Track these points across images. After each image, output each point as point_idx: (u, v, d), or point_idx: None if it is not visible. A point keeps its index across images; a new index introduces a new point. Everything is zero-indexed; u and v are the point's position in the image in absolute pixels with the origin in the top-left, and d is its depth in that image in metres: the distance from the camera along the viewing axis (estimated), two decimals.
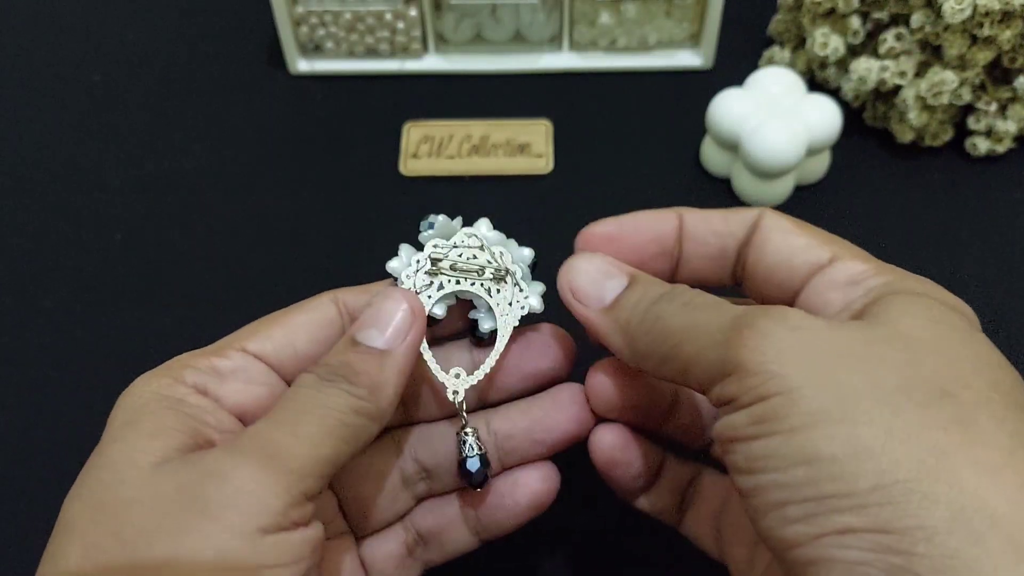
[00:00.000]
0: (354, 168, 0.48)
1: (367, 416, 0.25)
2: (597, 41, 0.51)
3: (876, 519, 0.19)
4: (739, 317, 0.23)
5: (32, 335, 0.42)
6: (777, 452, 0.21)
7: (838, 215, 0.45)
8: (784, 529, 0.20)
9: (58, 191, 0.47)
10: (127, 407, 0.25)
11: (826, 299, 0.25)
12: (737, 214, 0.28)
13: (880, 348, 0.21)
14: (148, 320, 0.42)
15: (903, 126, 0.46)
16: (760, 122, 0.43)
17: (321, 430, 0.24)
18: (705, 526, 0.30)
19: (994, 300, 0.42)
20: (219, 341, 0.28)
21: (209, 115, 0.50)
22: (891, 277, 0.25)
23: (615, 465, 0.29)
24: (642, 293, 0.26)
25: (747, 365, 0.22)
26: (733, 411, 0.22)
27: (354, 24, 0.50)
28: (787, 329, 0.22)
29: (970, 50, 0.43)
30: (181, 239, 0.45)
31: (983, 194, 0.46)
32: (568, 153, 0.48)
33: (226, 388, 0.26)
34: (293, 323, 0.28)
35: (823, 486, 0.20)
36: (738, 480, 0.22)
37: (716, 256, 0.28)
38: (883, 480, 0.19)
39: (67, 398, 0.40)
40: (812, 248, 0.26)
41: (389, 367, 0.26)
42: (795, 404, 0.21)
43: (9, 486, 0.38)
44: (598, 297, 0.27)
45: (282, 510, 0.23)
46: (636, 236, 0.28)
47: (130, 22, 0.55)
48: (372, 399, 0.25)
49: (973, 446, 0.20)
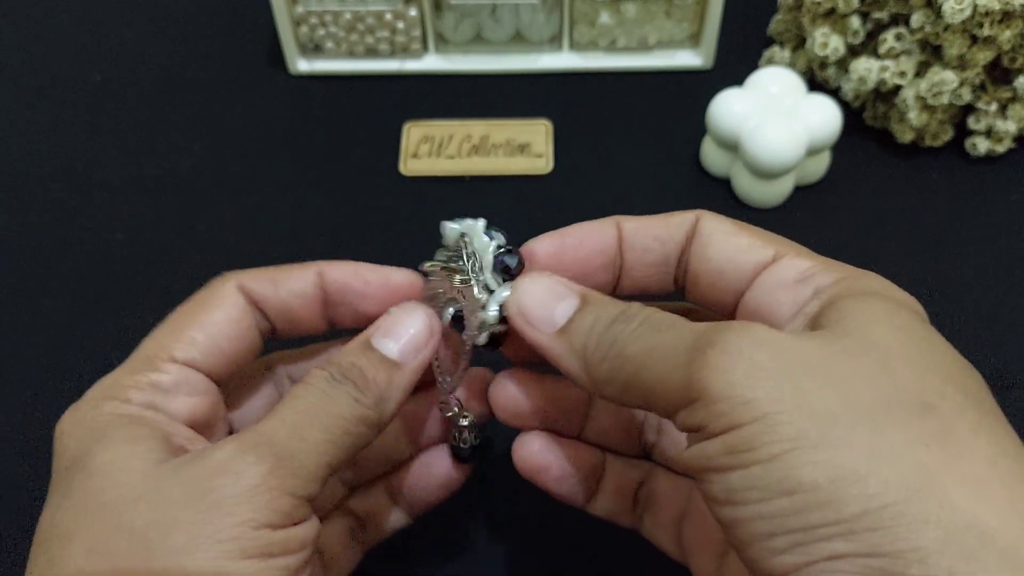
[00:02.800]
0: (354, 168, 0.48)
1: (369, 425, 0.25)
2: (597, 41, 0.51)
3: (867, 544, 0.19)
4: (700, 336, 0.22)
5: (32, 335, 0.42)
6: (758, 483, 0.20)
7: (838, 215, 0.45)
8: (771, 560, 0.20)
9: (58, 191, 0.47)
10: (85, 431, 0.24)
11: (775, 299, 0.24)
12: (674, 217, 0.27)
13: (850, 362, 0.21)
14: (148, 320, 0.42)
15: (903, 126, 0.46)
16: (760, 122, 0.43)
17: (327, 437, 0.24)
18: (665, 532, 0.30)
19: (994, 300, 0.42)
20: (141, 350, 0.27)
21: (209, 115, 0.50)
22: (841, 274, 0.24)
23: (537, 470, 0.29)
24: (596, 315, 0.25)
25: (713, 390, 0.21)
26: (704, 439, 0.21)
27: (354, 24, 0.50)
28: (752, 346, 0.21)
29: (970, 50, 0.43)
30: (181, 238, 0.45)
31: (983, 194, 0.46)
32: (568, 153, 0.48)
33: (173, 403, 0.26)
34: (211, 323, 0.27)
35: (809, 516, 0.19)
36: (717, 511, 0.21)
37: (659, 263, 0.27)
38: (871, 504, 0.19)
39: (67, 398, 0.40)
40: (755, 248, 0.25)
41: (397, 380, 0.26)
42: (771, 431, 0.20)
43: (9, 486, 0.38)
44: (549, 320, 0.25)
45: (289, 511, 0.23)
46: (579, 249, 0.27)
47: (130, 22, 0.55)
48: (376, 410, 0.25)
49: (957, 460, 0.19)
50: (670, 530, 0.29)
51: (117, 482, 0.23)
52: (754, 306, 0.25)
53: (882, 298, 0.23)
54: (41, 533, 0.23)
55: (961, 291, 0.43)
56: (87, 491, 0.23)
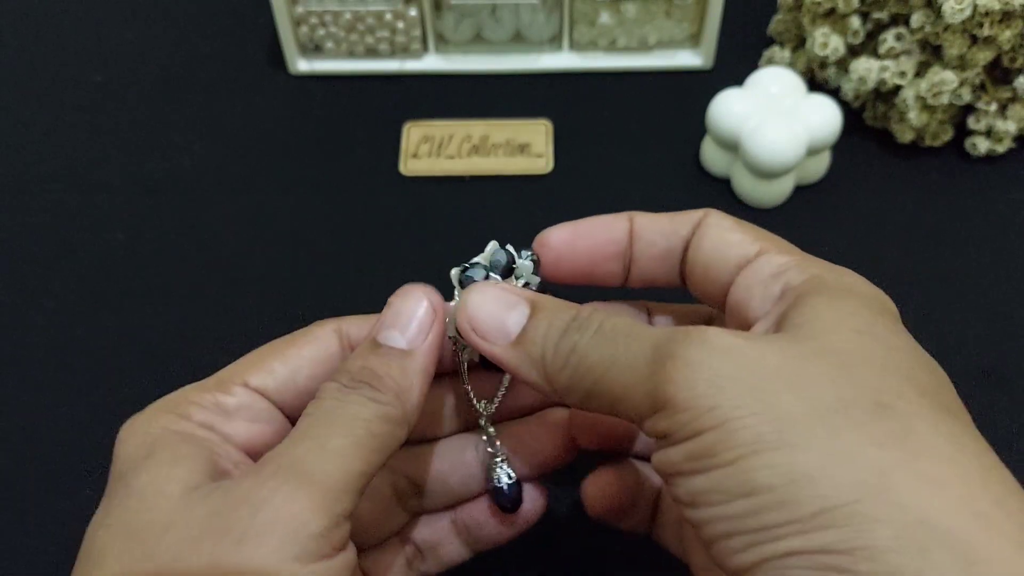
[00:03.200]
0: (354, 168, 0.48)
1: (394, 422, 0.24)
2: (597, 41, 0.51)
3: (820, 542, 0.19)
4: (659, 348, 0.22)
5: (33, 335, 0.42)
6: (718, 486, 0.20)
7: (838, 215, 0.45)
8: (732, 558, 0.20)
9: (59, 191, 0.47)
10: (138, 441, 0.24)
11: (751, 294, 0.25)
12: (683, 215, 0.28)
13: (810, 365, 0.21)
14: (149, 320, 0.42)
15: (903, 126, 0.46)
16: (760, 122, 0.43)
17: (350, 442, 0.23)
18: (669, 529, 0.30)
19: (994, 300, 0.42)
20: (220, 373, 0.27)
21: (209, 115, 0.50)
22: (814, 271, 0.24)
23: (613, 516, 0.29)
24: (548, 322, 0.25)
25: (677, 401, 0.21)
26: (668, 446, 0.22)
27: (354, 24, 0.50)
28: (712, 355, 0.21)
29: (970, 50, 0.43)
30: (182, 238, 0.45)
31: (983, 194, 0.46)
32: (568, 153, 0.48)
33: (232, 426, 0.25)
34: (295, 357, 0.27)
35: (765, 516, 0.20)
36: (684, 512, 0.22)
37: (664, 256, 0.28)
38: (825, 504, 0.19)
39: (69, 397, 0.40)
40: (744, 244, 0.26)
41: (413, 368, 0.25)
42: (731, 436, 0.20)
43: (10, 486, 0.38)
44: (502, 332, 0.25)
45: (321, 532, 0.22)
46: (592, 239, 0.28)
47: (130, 22, 0.55)
48: (398, 403, 0.24)
49: (914, 459, 0.20)
50: (674, 529, 0.30)
51: (151, 506, 0.22)
52: (734, 301, 0.26)
53: (847, 297, 0.23)
54: (84, 545, 0.23)
55: (961, 291, 0.43)
56: (124, 511, 0.23)
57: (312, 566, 0.21)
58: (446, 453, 0.30)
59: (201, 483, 0.23)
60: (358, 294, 0.43)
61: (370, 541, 0.30)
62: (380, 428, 0.24)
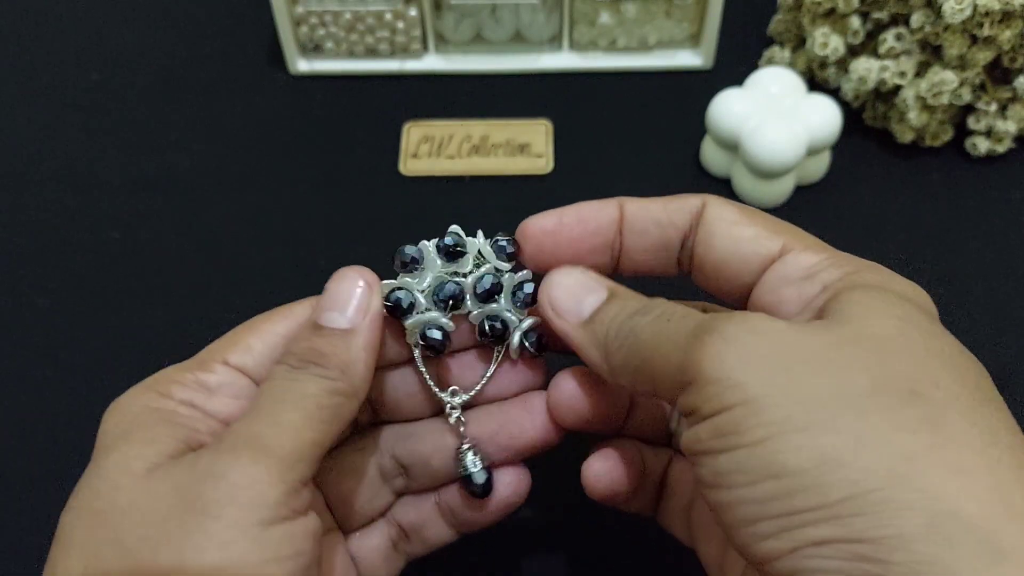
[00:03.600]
0: (354, 168, 0.48)
1: (343, 395, 0.25)
2: (597, 41, 0.51)
3: (851, 529, 0.19)
4: (701, 323, 0.22)
5: (28, 334, 0.42)
6: (743, 467, 0.20)
7: (838, 215, 0.45)
8: (758, 545, 0.20)
9: (57, 190, 0.47)
10: (116, 421, 0.25)
11: (781, 296, 0.25)
12: (677, 201, 0.27)
13: (846, 350, 0.21)
14: (146, 319, 0.42)
15: (903, 126, 0.46)
16: (760, 122, 0.43)
17: (301, 415, 0.24)
18: (678, 517, 0.30)
19: (994, 300, 0.42)
20: (202, 352, 0.27)
21: (209, 115, 0.50)
22: (847, 269, 0.24)
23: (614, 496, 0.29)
24: (619, 307, 0.25)
25: (705, 373, 0.21)
26: (696, 422, 0.21)
27: (354, 24, 0.50)
28: (748, 333, 0.21)
29: (970, 50, 0.43)
30: (179, 238, 0.45)
31: (983, 194, 0.46)
32: (568, 153, 0.48)
33: (214, 403, 0.26)
34: (270, 333, 0.28)
35: (794, 500, 0.19)
36: (707, 494, 0.21)
37: (658, 247, 0.27)
38: (855, 490, 0.19)
39: (64, 397, 0.40)
40: (761, 239, 0.25)
41: (356, 344, 0.26)
42: (757, 414, 0.20)
43: (6, 486, 0.38)
44: (577, 311, 0.26)
45: (280, 499, 0.23)
46: (576, 228, 0.28)
47: (130, 22, 0.55)
48: (345, 378, 0.25)
49: (944, 448, 0.19)
50: (682, 516, 0.30)
51: (116, 486, 0.23)
52: (762, 303, 0.25)
53: (884, 290, 0.23)
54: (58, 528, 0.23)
55: (961, 291, 0.43)
56: (88, 492, 0.23)
57: (272, 529, 0.22)
58: (427, 435, 0.30)
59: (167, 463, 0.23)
60: None
61: (357, 522, 0.30)
62: (328, 401, 0.25)
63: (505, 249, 0.28)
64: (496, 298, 0.28)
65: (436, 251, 0.29)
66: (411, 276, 0.29)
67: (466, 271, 0.29)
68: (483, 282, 0.28)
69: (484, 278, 0.28)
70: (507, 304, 0.29)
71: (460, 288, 0.28)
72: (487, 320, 0.28)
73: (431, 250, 0.29)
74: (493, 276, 0.28)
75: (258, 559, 0.22)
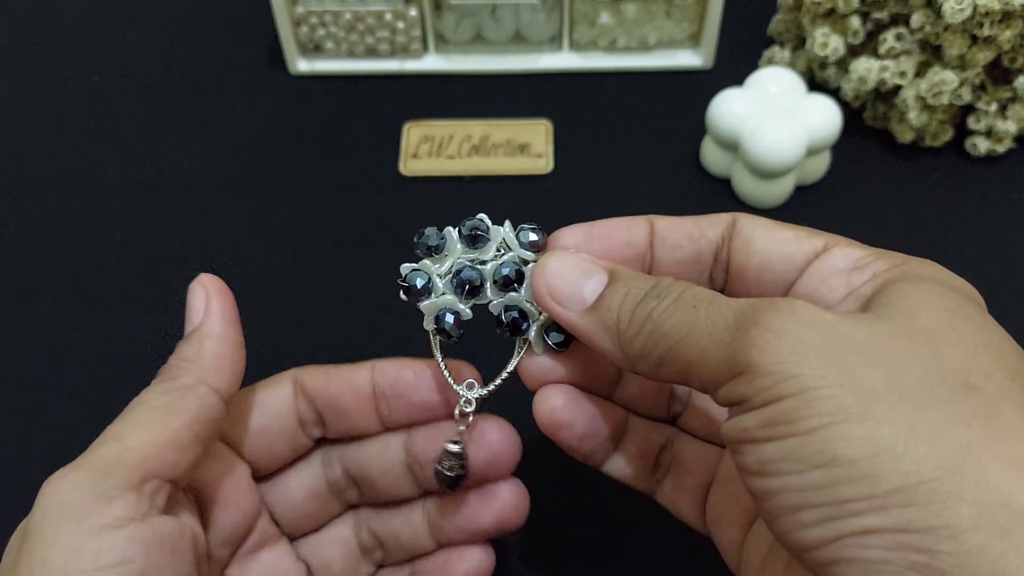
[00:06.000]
0: (354, 168, 0.48)
1: (184, 389, 0.26)
2: (597, 41, 0.51)
3: (899, 520, 0.19)
4: (744, 314, 0.22)
5: (30, 336, 0.42)
6: (792, 455, 0.20)
7: (838, 215, 0.45)
8: (800, 533, 0.20)
9: (57, 191, 0.47)
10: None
11: (829, 286, 0.24)
12: (709, 217, 0.27)
13: (898, 342, 0.21)
14: (147, 320, 0.42)
15: (903, 126, 0.46)
16: (760, 122, 0.43)
17: (131, 423, 0.25)
18: (687, 499, 0.29)
19: (994, 300, 0.42)
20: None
21: (209, 115, 0.50)
22: (894, 260, 0.24)
23: (559, 427, 0.28)
24: (626, 290, 0.25)
25: (759, 366, 0.21)
26: (743, 412, 0.21)
27: (354, 24, 0.50)
28: (798, 325, 0.21)
29: (970, 50, 0.43)
30: (180, 239, 0.45)
31: (983, 194, 0.46)
32: (568, 153, 0.48)
33: None
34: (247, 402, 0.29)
35: (842, 489, 0.19)
36: (749, 481, 0.21)
37: (691, 260, 0.27)
38: (907, 481, 0.19)
39: (64, 399, 0.40)
40: (802, 238, 0.25)
41: (199, 336, 0.27)
42: (811, 405, 0.20)
43: (6, 486, 0.38)
44: (578, 298, 0.25)
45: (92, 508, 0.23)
46: (607, 242, 0.27)
47: (130, 22, 0.55)
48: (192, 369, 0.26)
49: (998, 441, 0.19)
50: (693, 497, 0.29)
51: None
52: (803, 293, 0.25)
53: (934, 282, 0.23)
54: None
55: None
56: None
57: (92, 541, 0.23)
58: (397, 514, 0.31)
59: None
60: (358, 294, 0.43)
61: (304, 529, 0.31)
62: (160, 400, 0.25)
63: (530, 239, 0.28)
64: (516, 287, 0.27)
65: (459, 236, 0.28)
66: (433, 261, 0.28)
67: (487, 258, 0.28)
68: (502, 269, 0.27)
69: (504, 265, 0.27)
70: (527, 295, 0.27)
71: (479, 274, 0.28)
72: (505, 310, 0.28)
73: (454, 235, 0.28)
74: (514, 264, 0.27)
75: (77, 570, 0.22)
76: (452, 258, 0.28)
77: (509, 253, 0.28)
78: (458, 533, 0.30)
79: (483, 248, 0.28)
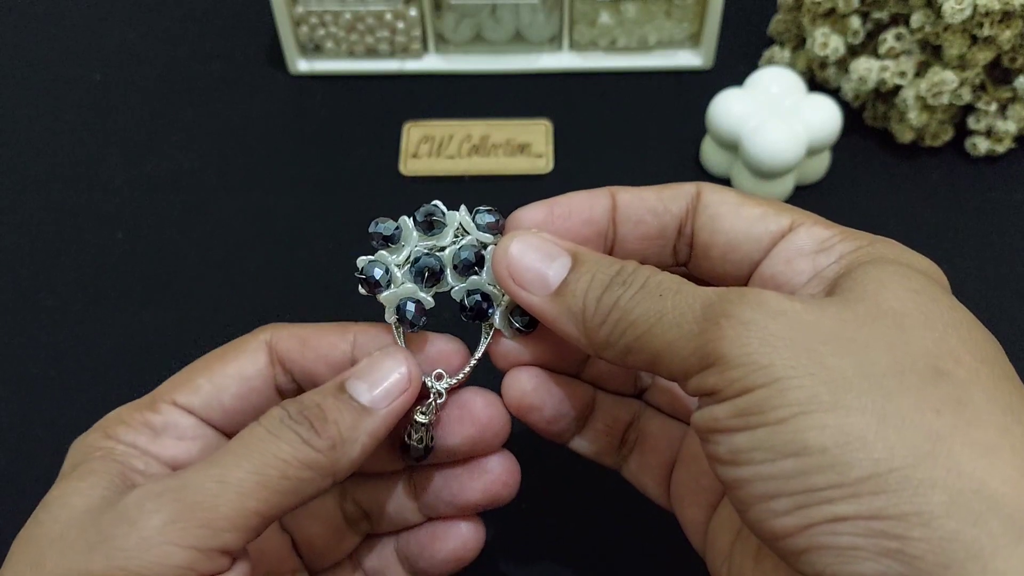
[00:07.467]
0: (354, 168, 0.48)
1: (317, 470, 0.24)
2: (597, 41, 0.51)
3: (870, 507, 0.19)
4: (712, 306, 0.22)
5: (33, 333, 0.42)
6: (763, 444, 0.20)
7: (838, 215, 0.45)
8: (772, 521, 0.20)
9: (59, 190, 0.47)
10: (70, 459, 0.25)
11: (795, 268, 0.24)
12: (671, 189, 0.26)
13: (866, 328, 0.21)
14: (148, 319, 0.42)
15: (903, 126, 0.46)
16: (760, 122, 0.43)
17: (254, 479, 0.23)
18: (652, 476, 0.29)
19: (994, 300, 0.42)
20: (156, 389, 0.27)
21: (209, 115, 0.50)
22: (860, 241, 0.24)
23: (529, 410, 0.27)
24: (591, 275, 0.24)
25: (729, 357, 0.21)
26: (714, 403, 0.21)
27: (354, 24, 0.50)
28: (767, 316, 0.21)
29: (970, 50, 0.43)
30: (181, 238, 0.45)
31: (983, 194, 0.46)
32: (568, 153, 0.48)
33: (158, 444, 0.26)
34: (220, 374, 0.27)
35: (813, 478, 0.19)
36: (721, 471, 0.21)
37: (654, 236, 0.27)
38: (878, 469, 0.19)
39: (67, 397, 0.40)
40: (769, 216, 0.25)
41: (364, 427, 0.24)
42: (782, 394, 0.20)
43: (8, 484, 0.38)
44: (542, 283, 0.25)
45: (188, 564, 0.22)
46: (567, 219, 0.26)
47: (130, 22, 0.55)
48: (331, 454, 0.24)
49: (969, 426, 0.19)
50: (657, 475, 0.29)
51: (52, 517, 0.23)
52: (769, 274, 0.25)
53: (899, 264, 0.23)
54: None
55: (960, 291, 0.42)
56: (32, 522, 0.23)
57: None
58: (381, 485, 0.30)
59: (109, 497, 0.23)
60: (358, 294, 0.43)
61: (324, 564, 0.30)
62: (297, 473, 0.23)
63: (487, 220, 0.27)
64: (476, 271, 0.27)
65: (414, 224, 0.28)
66: (389, 252, 0.27)
67: (445, 244, 0.27)
68: (462, 253, 0.27)
69: (463, 249, 0.27)
70: (490, 278, 0.27)
71: (438, 260, 0.27)
72: (467, 294, 0.27)
73: (409, 224, 0.28)
74: (473, 248, 0.27)
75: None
76: (409, 247, 0.27)
77: (467, 237, 0.27)
78: (446, 507, 0.29)
79: (440, 234, 0.27)
